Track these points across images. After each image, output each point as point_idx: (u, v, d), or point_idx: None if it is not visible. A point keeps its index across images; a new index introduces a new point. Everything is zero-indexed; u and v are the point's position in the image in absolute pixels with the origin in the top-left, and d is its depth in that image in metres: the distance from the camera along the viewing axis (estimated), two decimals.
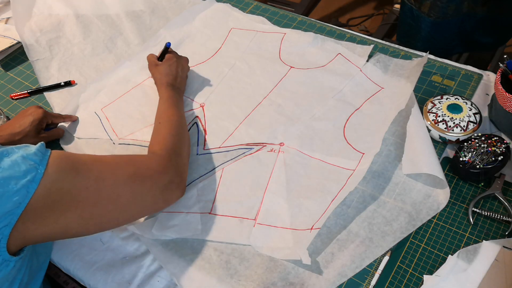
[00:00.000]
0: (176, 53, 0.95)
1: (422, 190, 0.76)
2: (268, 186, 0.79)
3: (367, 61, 0.96)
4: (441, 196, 0.75)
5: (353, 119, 0.87)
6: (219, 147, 0.86)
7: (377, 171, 0.79)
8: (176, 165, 0.72)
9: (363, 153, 0.81)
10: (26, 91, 1.01)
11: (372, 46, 0.98)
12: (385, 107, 0.88)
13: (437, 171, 0.73)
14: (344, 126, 0.86)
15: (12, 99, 1.01)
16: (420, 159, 0.75)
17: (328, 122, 0.87)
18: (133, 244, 0.75)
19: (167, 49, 0.93)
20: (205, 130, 0.89)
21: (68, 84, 1.02)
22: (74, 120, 0.93)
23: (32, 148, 0.58)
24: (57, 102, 0.99)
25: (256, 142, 0.86)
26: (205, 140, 0.87)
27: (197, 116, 0.92)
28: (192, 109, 0.93)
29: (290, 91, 0.94)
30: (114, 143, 0.89)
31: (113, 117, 0.94)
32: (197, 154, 0.85)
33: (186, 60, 0.96)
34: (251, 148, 0.85)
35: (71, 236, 0.63)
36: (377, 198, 0.76)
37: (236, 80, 0.98)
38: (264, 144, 0.85)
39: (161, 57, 0.93)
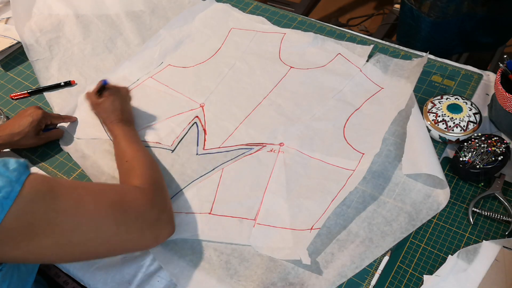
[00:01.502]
0: (114, 86, 0.89)
1: (422, 190, 0.76)
2: (268, 186, 0.79)
3: (367, 61, 0.96)
4: (441, 196, 0.75)
5: (353, 119, 0.87)
6: (219, 147, 0.86)
7: (377, 171, 0.79)
8: (161, 200, 0.69)
9: (363, 153, 0.81)
10: (26, 91, 1.01)
11: (372, 46, 0.98)
12: (385, 107, 0.88)
13: (437, 171, 0.73)
14: (344, 126, 0.86)
15: (12, 99, 1.01)
16: (420, 159, 0.75)
17: (328, 122, 0.87)
18: None
19: (104, 86, 0.88)
20: (205, 130, 0.89)
21: (68, 84, 1.02)
22: (73, 120, 0.93)
23: (13, 163, 0.54)
24: (57, 102, 0.99)
25: (256, 142, 0.86)
26: (205, 140, 0.87)
27: (196, 116, 0.92)
28: (192, 109, 0.93)
29: (290, 91, 0.94)
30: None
31: None
32: (196, 154, 0.85)
33: (126, 90, 0.91)
34: (251, 148, 0.85)
35: (47, 262, 0.59)
36: (377, 198, 0.76)
37: (236, 80, 0.98)
38: (264, 144, 0.85)
39: (99, 92, 0.88)
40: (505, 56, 0.83)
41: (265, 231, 0.73)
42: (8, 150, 0.89)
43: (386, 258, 0.70)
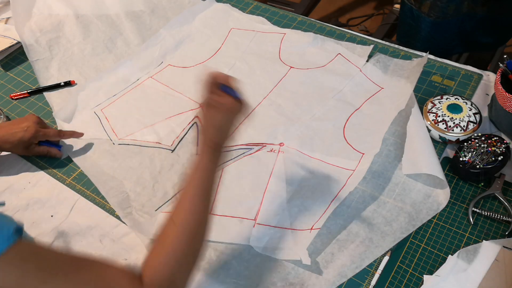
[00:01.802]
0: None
1: (422, 190, 0.76)
2: (267, 186, 0.79)
3: (367, 61, 0.96)
4: (441, 196, 0.75)
5: (353, 119, 0.87)
6: None
7: (377, 171, 0.79)
8: None
9: (363, 153, 0.81)
10: (26, 91, 1.01)
11: (372, 46, 0.98)
12: (385, 107, 0.88)
13: (437, 171, 0.73)
14: (344, 126, 0.86)
15: (12, 99, 1.01)
16: (420, 160, 0.75)
17: (328, 122, 0.87)
18: None
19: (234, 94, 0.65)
20: None
21: (68, 84, 1.02)
22: (77, 136, 0.89)
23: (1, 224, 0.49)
24: (57, 102, 0.99)
25: (256, 142, 0.86)
26: None
27: (197, 116, 0.92)
28: (192, 109, 0.93)
29: (290, 91, 0.94)
30: (114, 143, 0.89)
31: (113, 117, 0.94)
32: (196, 154, 0.85)
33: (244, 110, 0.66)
34: (251, 148, 0.85)
35: None
36: (377, 198, 0.76)
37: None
38: (264, 144, 0.85)
39: (227, 91, 0.64)
40: (505, 56, 0.83)
41: (265, 231, 0.73)
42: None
43: (386, 258, 0.70)
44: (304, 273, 0.69)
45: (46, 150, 0.87)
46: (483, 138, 0.77)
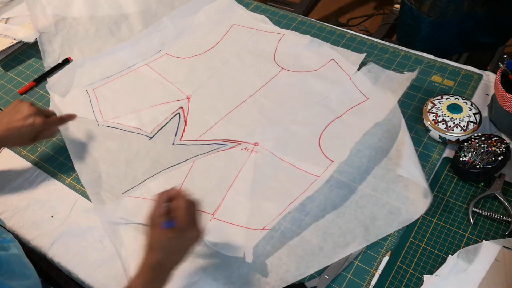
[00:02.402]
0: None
1: (386, 207, 0.74)
2: (233, 183, 0.79)
3: (359, 69, 0.94)
4: (404, 216, 0.73)
5: (332, 127, 0.86)
6: (195, 140, 0.87)
7: (344, 182, 0.78)
8: None
9: (333, 161, 0.80)
10: (32, 80, 1.03)
11: (365, 54, 0.96)
12: (365, 119, 0.86)
13: (422, 182, 0.73)
14: (322, 133, 0.85)
15: (21, 94, 1.02)
16: (413, 168, 0.76)
17: (307, 127, 0.86)
18: None
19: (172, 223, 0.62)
20: (185, 121, 0.90)
21: (66, 61, 1.05)
22: (72, 119, 0.87)
23: None
24: (53, 79, 1.02)
25: (232, 139, 0.86)
26: (183, 131, 0.88)
27: (181, 107, 0.93)
28: (179, 100, 0.94)
29: (276, 92, 0.94)
30: (98, 125, 0.91)
31: (103, 98, 0.97)
32: (173, 144, 0.86)
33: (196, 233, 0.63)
34: (225, 145, 0.85)
35: None
36: (337, 209, 0.75)
37: (227, 76, 0.98)
38: (239, 142, 0.85)
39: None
40: (505, 56, 0.83)
41: (220, 227, 0.74)
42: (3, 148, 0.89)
43: (386, 258, 0.70)
44: (247, 273, 0.69)
45: (47, 135, 0.83)
46: (483, 138, 0.77)
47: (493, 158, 0.74)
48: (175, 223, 0.60)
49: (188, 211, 0.61)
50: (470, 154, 0.76)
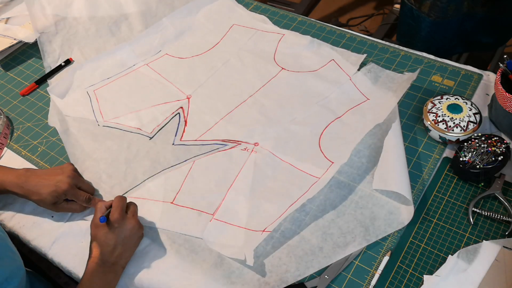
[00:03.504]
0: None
1: (386, 207, 0.74)
2: (233, 184, 0.79)
3: (359, 69, 0.94)
4: (404, 214, 0.73)
5: (332, 127, 0.86)
6: (195, 140, 0.87)
7: (343, 182, 0.78)
8: None
9: (333, 162, 0.80)
10: (33, 82, 1.03)
11: (365, 55, 0.96)
12: (366, 119, 0.86)
13: (406, 191, 0.72)
14: (322, 133, 0.85)
15: (23, 95, 1.01)
16: (391, 176, 0.74)
17: (307, 127, 0.86)
18: None
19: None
20: (185, 122, 0.90)
21: (68, 62, 1.05)
22: (94, 206, 0.78)
23: None
24: (53, 80, 1.02)
25: (232, 139, 0.86)
26: (183, 131, 0.88)
27: (181, 107, 0.93)
28: (179, 100, 0.94)
29: (276, 92, 0.94)
30: (98, 125, 0.92)
31: (103, 99, 0.97)
32: (173, 144, 0.86)
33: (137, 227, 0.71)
34: (225, 145, 0.85)
35: None
36: (337, 209, 0.75)
37: (226, 76, 0.98)
38: (239, 142, 0.85)
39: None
40: (505, 56, 0.83)
41: (220, 227, 0.74)
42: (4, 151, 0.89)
43: (386, 258, 0.70)
44: (248, 273, 0.69)
45: (72, 207, 0.77)
46: (483, 138, 0.77)
47: (493, 158, 0.74)
48: (109, 217, 0.69)
49: (120, 205, 0.70)
50: (470, 154, 0.76)
